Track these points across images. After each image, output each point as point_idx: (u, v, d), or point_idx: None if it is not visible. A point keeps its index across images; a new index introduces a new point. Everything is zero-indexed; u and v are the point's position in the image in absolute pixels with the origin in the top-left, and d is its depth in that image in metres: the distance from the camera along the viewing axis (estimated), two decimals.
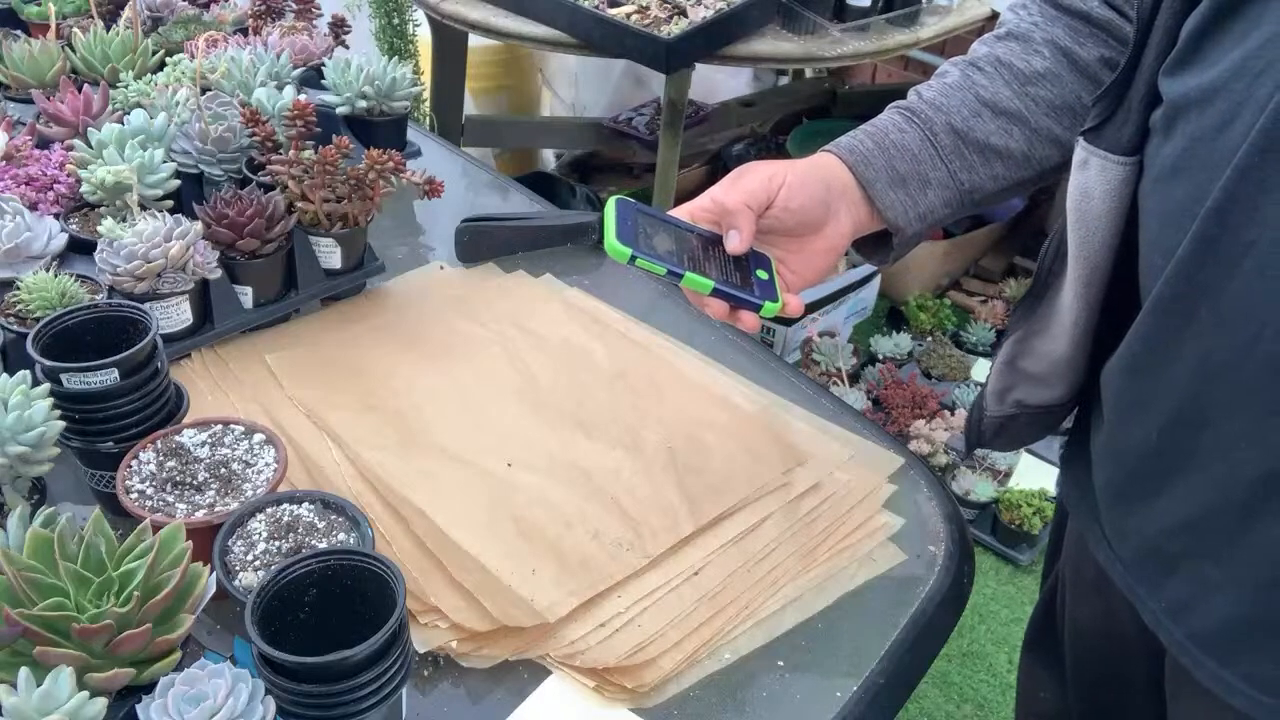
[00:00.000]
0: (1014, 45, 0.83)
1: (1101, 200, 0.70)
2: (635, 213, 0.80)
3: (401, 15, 2.33)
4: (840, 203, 0.83)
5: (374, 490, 0.89)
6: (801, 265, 0.85)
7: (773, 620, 0.82)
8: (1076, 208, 0.72)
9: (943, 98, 0.84)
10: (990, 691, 1.89)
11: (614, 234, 0.77)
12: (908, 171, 0.83)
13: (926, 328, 2.59)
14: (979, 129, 0.83)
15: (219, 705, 0.60)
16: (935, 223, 0.86)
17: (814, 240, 0.84)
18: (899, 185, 0.83)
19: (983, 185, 0.84)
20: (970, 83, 0.84)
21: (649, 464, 0.94)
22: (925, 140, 0.83)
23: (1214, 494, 0.66)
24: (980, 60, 0.85)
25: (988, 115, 0.82)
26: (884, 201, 0.83)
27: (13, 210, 0.98)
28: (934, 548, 0.90)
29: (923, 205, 0.84)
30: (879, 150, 0.84)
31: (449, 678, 0.77)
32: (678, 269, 0.78)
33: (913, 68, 3.26)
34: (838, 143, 0.85)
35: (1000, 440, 0.90)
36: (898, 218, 0.84)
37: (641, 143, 2.77)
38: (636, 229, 0.79)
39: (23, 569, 0.64)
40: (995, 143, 0.83)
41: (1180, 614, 0.72)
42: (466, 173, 1.44)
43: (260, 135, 1.06)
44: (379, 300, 1.14)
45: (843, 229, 0.84)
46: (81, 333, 0.83)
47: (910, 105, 0.86)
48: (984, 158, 0.83)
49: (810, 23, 1.98)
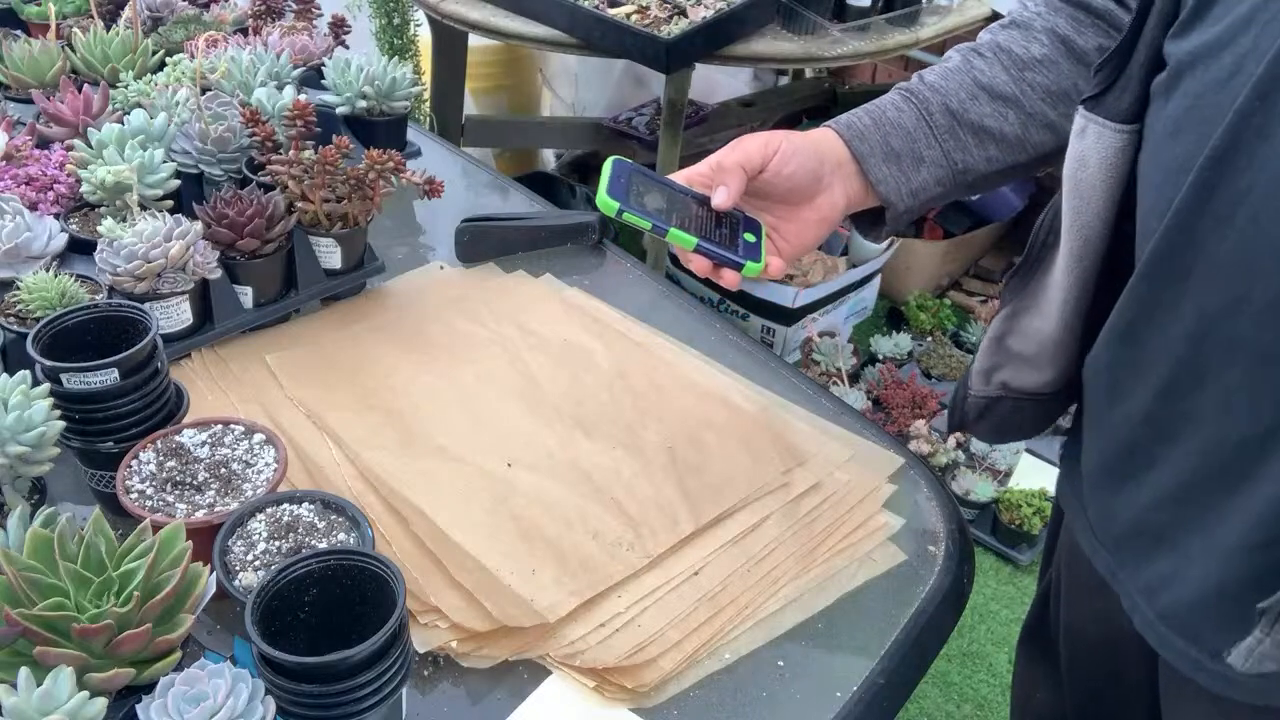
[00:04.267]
0: (1014, 33, 0.86)
1: (1097, 168, 0.71)
2: (630, 172, 0.84)
3: (402, 15, 2.33)
4: (834, 176, 0.86)
5: (374, 490, 0.89)
6: (793, 234, 0.88)
7: (773, 620, 0.82)
8: (1072, 176, 0.73)
9: (942, 80, 0.87)
10: (990, 691, 1.89)
11: (605, 189, 0.81)
12: (902, 148, 0.86)
13: (926, 328, 2.59)
14: (974, 110, 0.85)
15: (219, 705, 0.60)
16: (928, 200, 0.88)
17: (806, 209, 0.87)
18: (892, 161, 0.86)
19: (976, 166, 0.87)
20: (970, 67, 0.87)
21: (649, 464, 0.94)
22: (921, 119, 0.86)
23: (1205, 458, 0.66)
24: (982, 46, 0.88)
25: (984, 98, 0.85)
26: (876, 175, 0.86)
27: (13, 210, 0.98)
28: (934, 548, 0.90)
29: (915, 182, 0.87)
30: (875, 126, 0.87)
31: (449, 678, 0.77)
32: (663, 225, 0.81)
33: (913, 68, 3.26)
34: (837, 119, 0.88)
35: (983, 425, 0.91)
36: (889, 193, 0.87)
37: (641, 143, 2.76)
38: (629, 186, 0.83)
39: (23, 569, 0.64)
40: (990, 125, 0.85)
41: (1156, 591, 0.72)
42: (466, 173, 1.44)
43: (260, 135, 1.06)
44: (379, 300, 1.14)
45: (835, 201, 0.87)
46: (81, 333, 0.83)
47: (910, 86, 0.89)
48: (978, 139, 0.86)
49: (810, 23, 1.98)
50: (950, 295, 2.78)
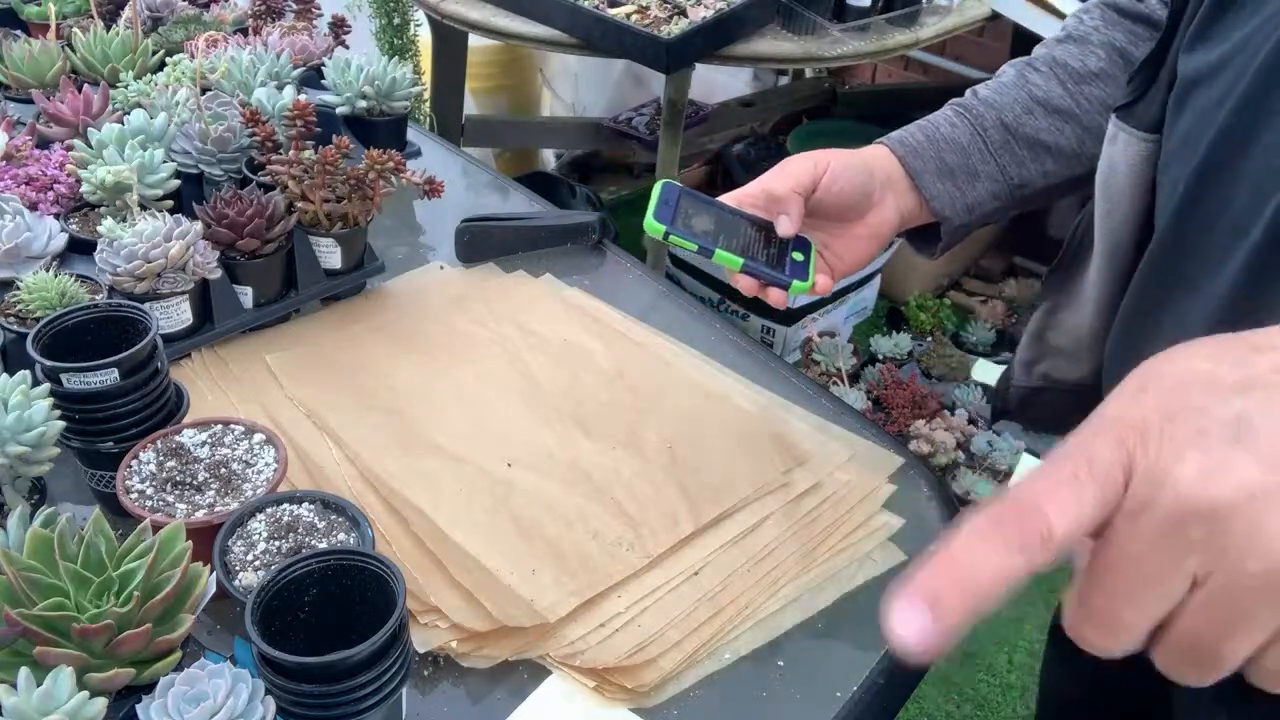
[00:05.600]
0: (1071, 47, 0.87)
1: (1125, 175, 0.72)
2: (679, 195, 0.85)
3: (402, 15, 2.33)
4: (885, 191, 0.87)
5: (374, 490, 0.89)
6: (844, 249, 0.89)
7: (773, 620, 0.82)
8: (1103, 182, 0.74)
9: (996, 95, 0.87)
10: (990, 691, 1.89)
11: (652, 212, 0.82)
12: (956, 164, 0.86)
13: (926, 328, 2.59)
14: (1029, 125, 0.86)
15: (219, 705, 0.60)
16: (984, 215, 0.88)
17: (856, 226, 0.87)
18: (946, 177, 0.86)
19: (1032, 180, 0.87)
20: (1025, 81, 0.87)
21: (649, 464, 0.94)
22: (975, 134, 0.87)
23: None
24: (1037, 61, 0.88)
25: (1040, 113, 0.86)
26: (931, 192, 0.86)
27: (13, 210, 0.98)
28: (934, 548, 0.89)
29: (970, 197, 0.87)
30: (929, 142, 0.87)
31: (449, 678, 0.77)
32: (709, 246, 0.82)
33: (913, 68, 3.26)
34: (889, 136, 0.89)
35: (1027, 414, 0.91)
36: (944, 208, 0.87)
37: (641, 143, 2.77)
38: (676, 209, 0.83)
39: (23, 569, 0.64)
40: (1045, 139, 0.86)
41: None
42: (466, 173, 1.44)
43: (260, 135, 1.06)
44: (379, 300, 1.14)
45: (887, 217, 0.87)
46: (81, 333, 0.83)
47: (964, 102, 0.89)
48: (1034, 153, 0.86)
49: (810, 23, 1.98)
50: (950, 295, 2.78)
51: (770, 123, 3.22)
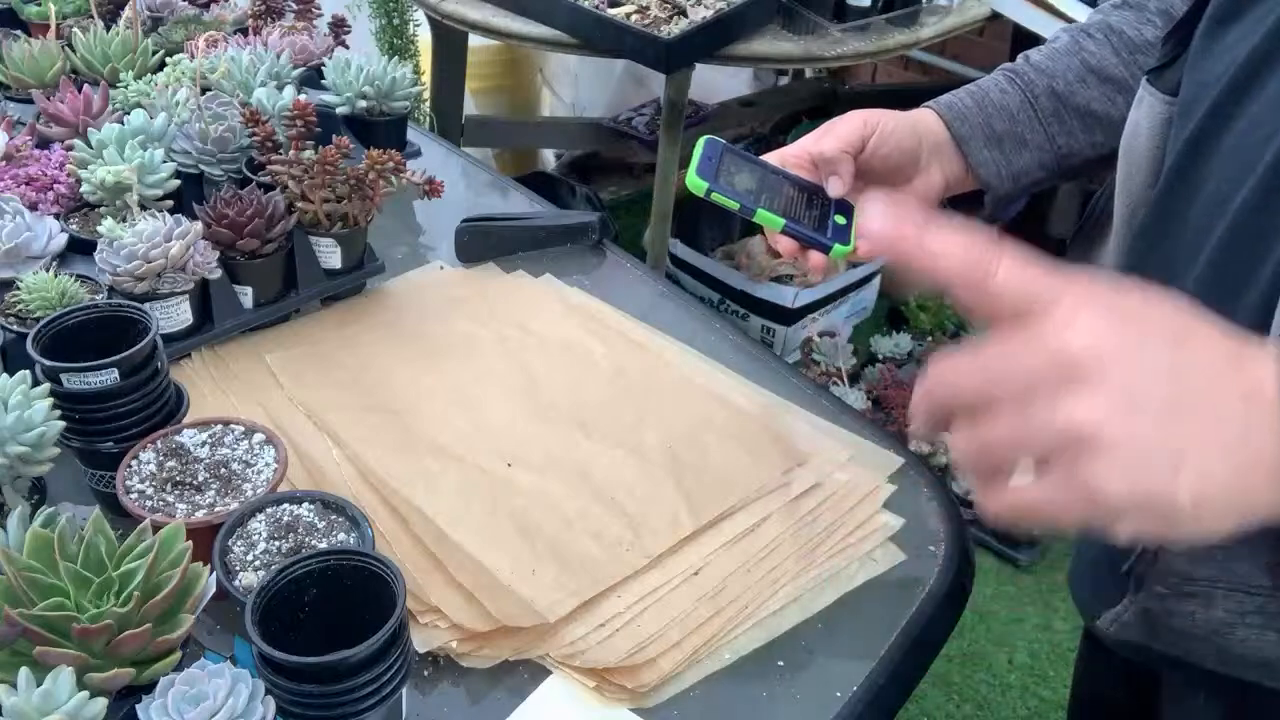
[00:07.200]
0: (1127, 14, 0.85)
1: (1147, 137, 0.71)
2: (722, 151, 0.82)
3: (401, 15, 2.33)
4: (932, 157, 0.85)
5: (374, 490, 0.89)
6: None
7: (773, 620, 0.82)
8: (1126, 143, 0.73)
9: (1049, 61, 0.85)
10: (990, 691, 1.89)
11: (695, 168, 0.80)
12: (1004, 131, 0.84)
13: (926, 328, 2.59)
14: (1081, 94, 0.84)
15: (219, 705, 0.60)
16: (1030, 184, 0.87)
17: (901, 190, 0.86)
18: (994, 144, 0.85)
19: (1081, 151, 0.85)
20: (1078, 48, 0.85)
21: (649, 464, 0.94)
22: (1025, 102, 0.85)
23: None
24: (1091, 27, 0.86)
25: (1093, 81, 0.84)
26: (978, 159, 0.85)
27: (13, 210, 0.98)
28: (934, 548, 0.89)
29: (1017, 165, 0.85)
30: (978, 108, 0.85)
31: (449, 678, 0.77)
32: (750, 205, 0.80)
33: (913, 68, 3.26)
34: (938, 100, 0.87)
35: None
36: (990, 176, 0.85)
37: (641, 143, 2.76)
38: (719, 166, 0.81)
39: (23, 569, 0.64)
40: (1097, 109, 0.84)
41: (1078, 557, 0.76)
42: (466, 173, 1.44)
43: (260, 135, 1.06)
44: (379, 300, 1.14)
45: (933, 182, 0.86)
46: (81, 333, 0.83)
47: (1016, 68, 0.87)
48: (1084, 123, 0.84)
49: (810, 23, 1.98)
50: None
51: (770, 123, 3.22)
